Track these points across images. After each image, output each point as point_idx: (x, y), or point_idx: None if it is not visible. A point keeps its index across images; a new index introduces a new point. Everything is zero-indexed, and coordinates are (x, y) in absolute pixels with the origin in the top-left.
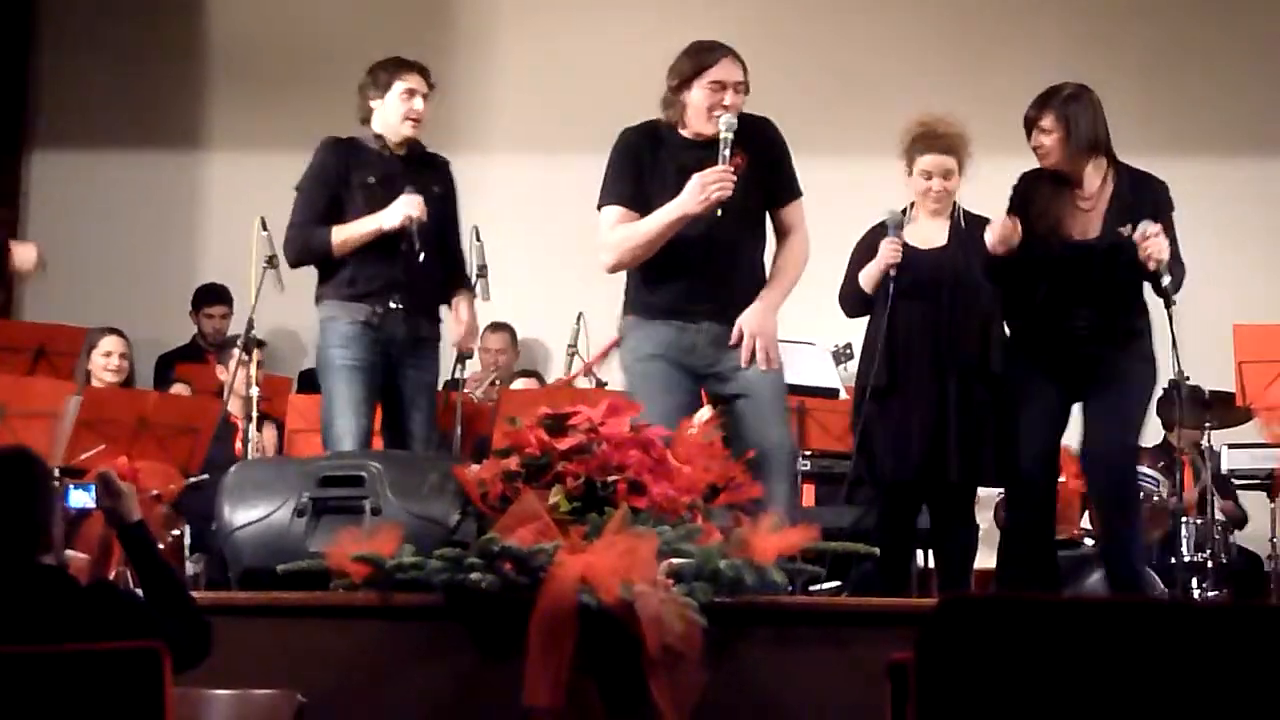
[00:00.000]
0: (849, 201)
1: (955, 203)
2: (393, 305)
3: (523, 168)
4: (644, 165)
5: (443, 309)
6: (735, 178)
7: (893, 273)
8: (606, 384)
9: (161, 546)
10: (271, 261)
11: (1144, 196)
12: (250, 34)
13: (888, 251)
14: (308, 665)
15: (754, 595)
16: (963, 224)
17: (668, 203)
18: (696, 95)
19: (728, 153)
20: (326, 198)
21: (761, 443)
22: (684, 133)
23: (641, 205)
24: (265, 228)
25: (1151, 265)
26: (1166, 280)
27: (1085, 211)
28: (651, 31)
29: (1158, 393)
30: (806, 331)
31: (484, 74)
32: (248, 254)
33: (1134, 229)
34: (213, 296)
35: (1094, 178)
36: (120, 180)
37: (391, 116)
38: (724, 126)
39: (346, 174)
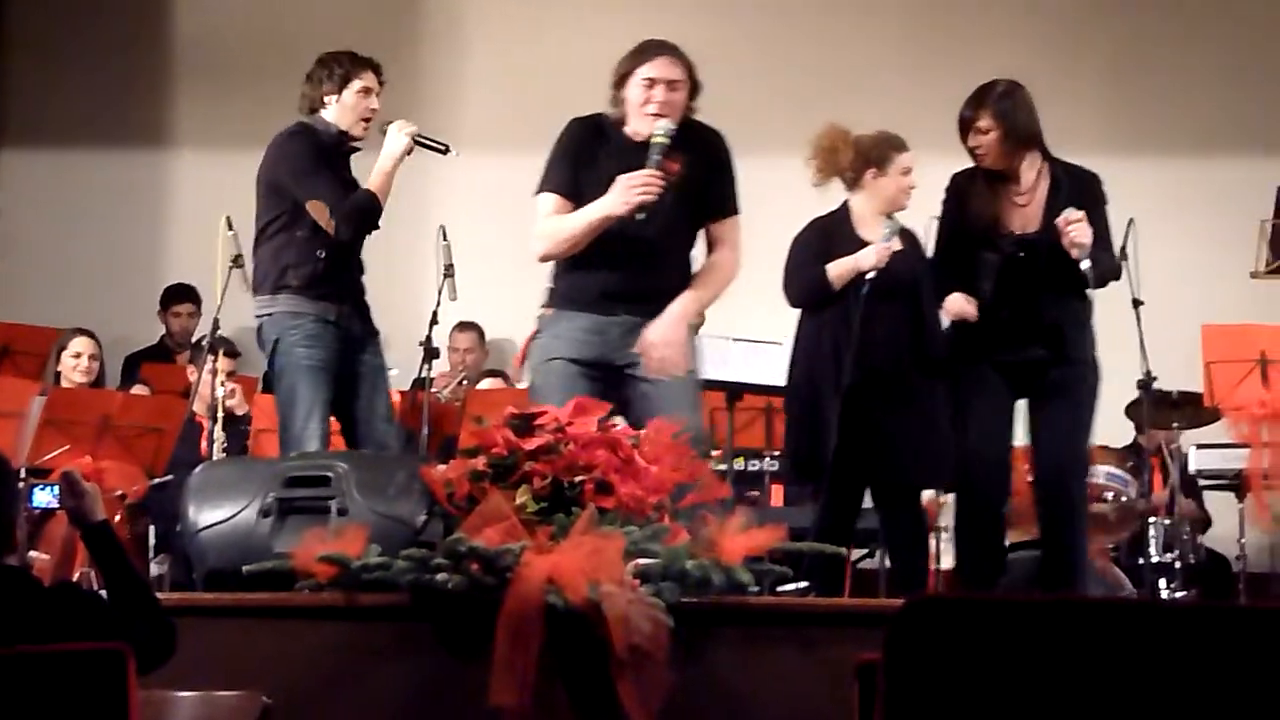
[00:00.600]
0: (811, 198)
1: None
2: (348, 302)
3: (490, 167)
4: (582, 157)
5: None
6: (662, 183)
7: (870, 275)
8: None
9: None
10: (237, 261)
11: (1078, 189)
12: (218, 31)
13: (879, 254)
14: (273, 666)
15: (721, 596)
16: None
17: (598, 199)
18: (631, 92)
19: (658, 157)
20: (330, 176)
21: None
22: (626, 131)
23: (576, 196)
24: (231, 227)
25: (1075, 253)
26: (1086, 265)
27: (1022, 207)
28: (620, 32)
29: (1125, 393)
30: (770, 330)
31: (451, 72)
32: (215, 253)
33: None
34: (180, 295)
35: (1029, 172)
36: (87, 178)
37: (346, 115)
38: (659, 130)
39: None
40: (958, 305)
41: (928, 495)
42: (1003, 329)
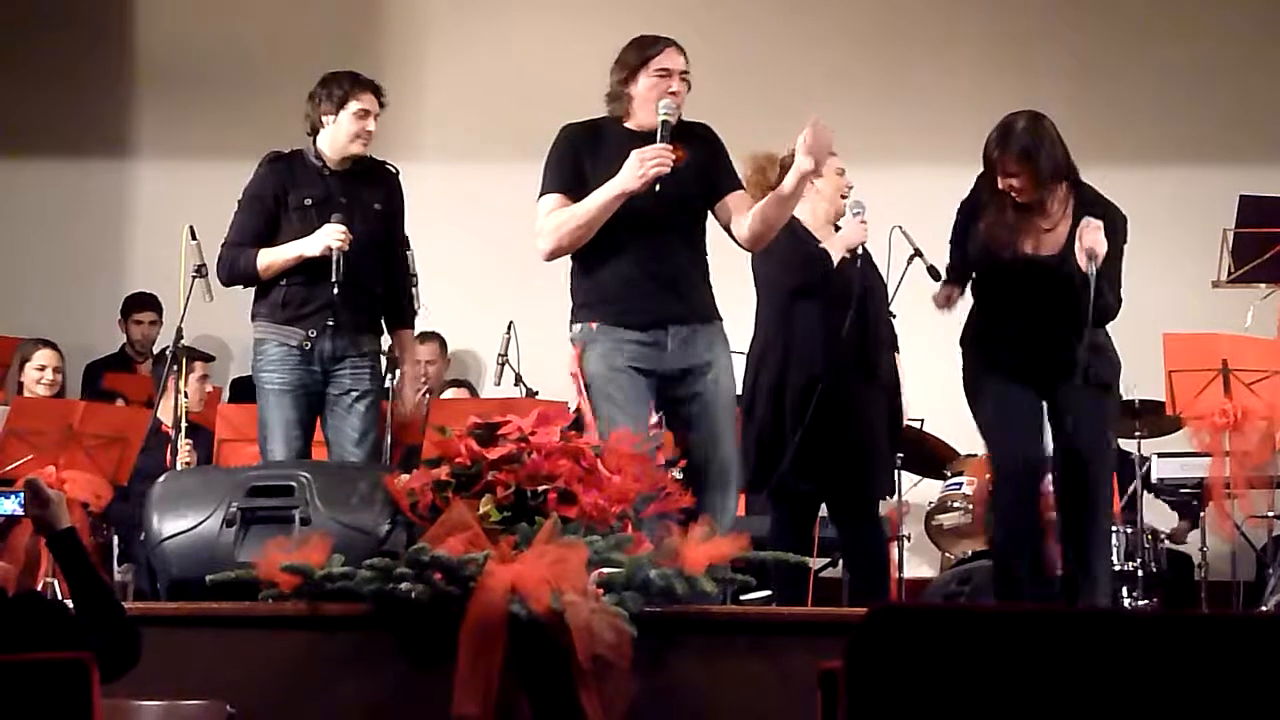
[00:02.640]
0: None
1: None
2: (329, 324)
3: (453, 178)
4: (583, 156)
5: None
6: (674, 157)
7: (859, 258)
8: (538, 392)
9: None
10: (200, 271)
11: (1102, 209)
12: (179, 43)
13: (860, 230)
14: (237, 676)
15: (684, 605)
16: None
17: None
18: (643, 84)
19: (667, 134)
20: (262, 217)
21: (711, 453)
22: (629, 125)
23: (580, 194)
24: (194, 236)
25: (1084, 260)
26: (1093, 278)
27: (1047, 231)
28: (582, 42)
29: None
30: (738, 339)
31: (414, 84)
32: (177, 263)
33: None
34: (141, 303)
35: (1056, 204)
36: (49, 188)
37: (341, 135)
38: (662, 109)
39: (284, 193)
40: (938, 299)
41: (889, 504)
42: (1014, 343)
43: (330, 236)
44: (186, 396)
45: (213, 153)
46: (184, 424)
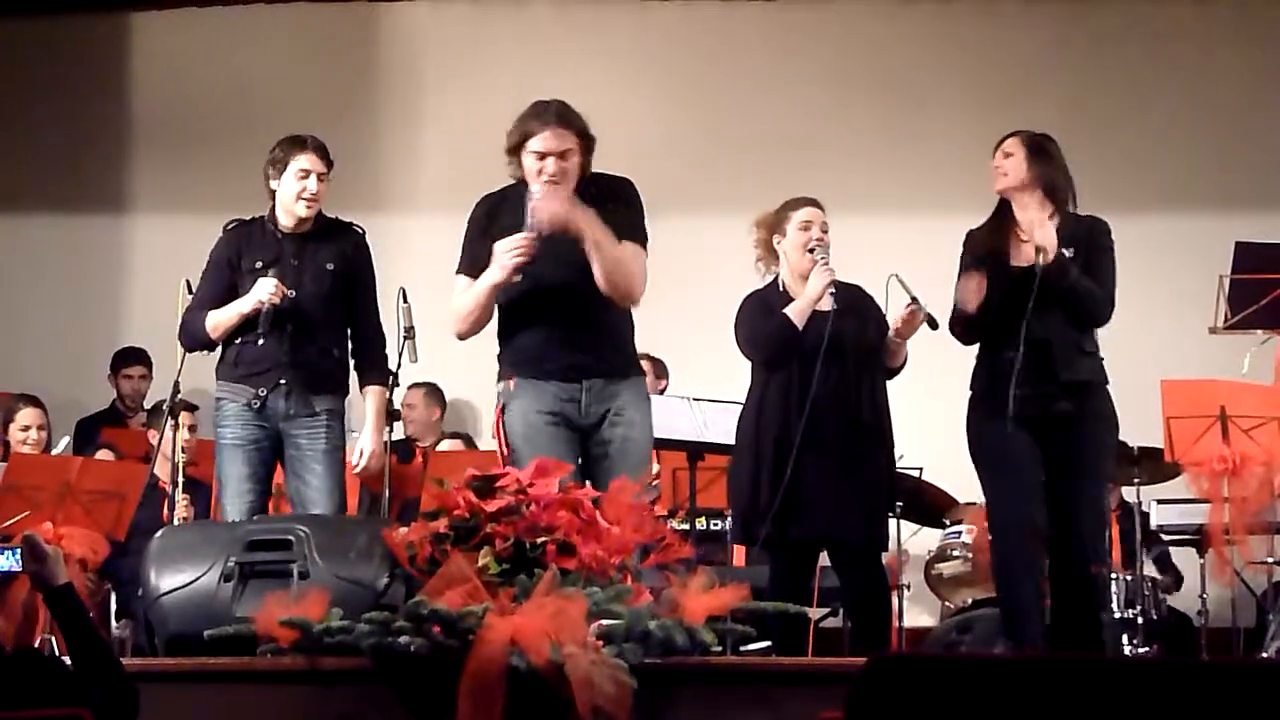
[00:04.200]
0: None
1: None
2: (281, 382)
3: (449, 230)
4: (491, 230)
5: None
6: (535, 243)
7: (829, 305)
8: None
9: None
10: None
11: (1083, 232)
12: (176, 98)
13: (825, 276)
14: None
15: (684, 656)
16: (836, 288)
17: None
18: (526, 161)
19: (532, 220)
20: (220, 283)
21: None
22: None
23: (483, 270)
24: (190, 290)
25: (1035, 251)
26: (1046, 262)
27: (1025, 243)
28: (578, 92)
29: None
30: (728, 391)
31: (409, 135)
32: (173, 317)
33: (1072, 254)
34: (130, 358)
35: (1038, 212)
36: (46, 243)
37: (288, 197)
38: (533, 195)
39: (238, 259)
40: (969, 288)
41: (890, 553)
42: (1016, 376)
43: (261, 291)
44: (185, 452)
45: (209, 207)
46: (181, 479)
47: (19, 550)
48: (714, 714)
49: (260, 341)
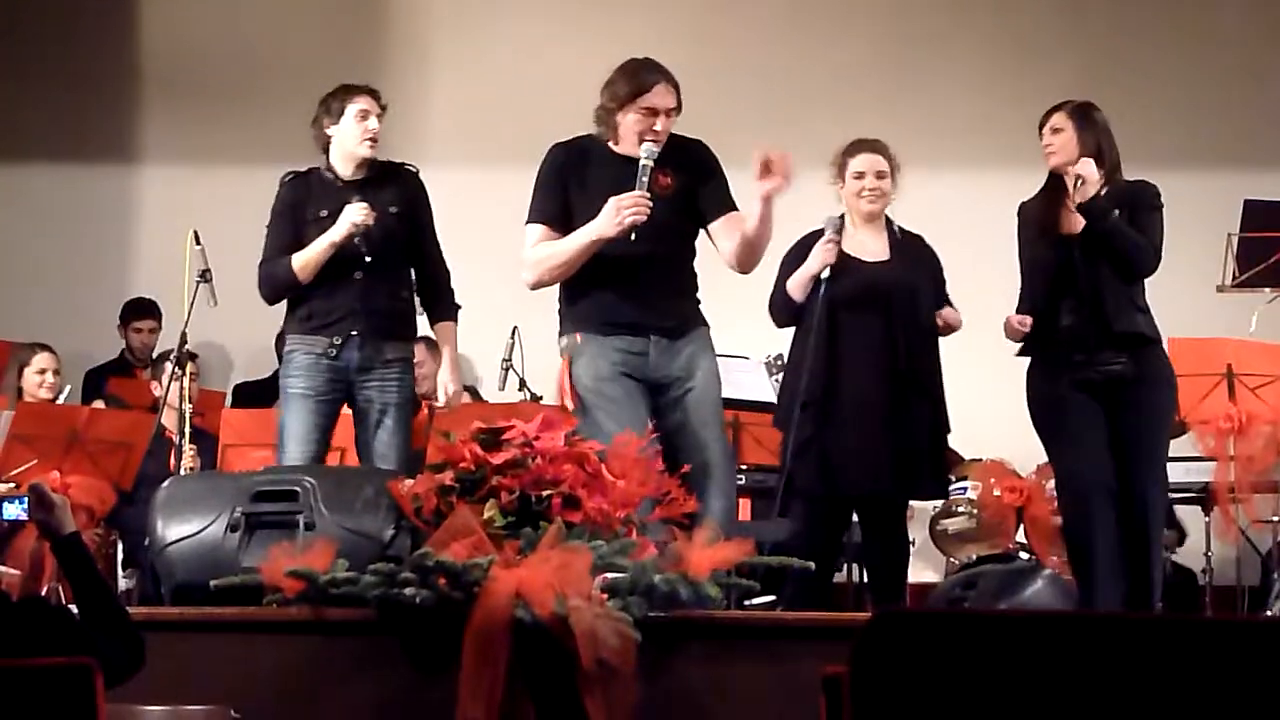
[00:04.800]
0: (785, 216)
1: (889, 217)
2: (354, 333)
3: (457, 183)
4: (570, 183)
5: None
6: (651, 202)
7: (825, 274)
8: (542, 397)
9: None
10: (205, 275)
11: (1130, 193)
12: (183, 48)
13: (823, 253)
14: (241, 681)
15: (688, 610)
16: (899, 236)
17: (590, 220)
18: (630, 119)
19: (646, 179)
20: (289, 232)
21: (701, 454)
22: (616, 149)
23: (564, 224)
24: (198, 241)
25: (1074, 188)
26: (1087, 201)
27: (1074, 212)
28: (588, 47)
29: None
30: (739, 344)
31: (418, 88)
32: (181, 268)
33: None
34: (141, 310)
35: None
36: (54, 193)
37: (349, 140)
38: (644, 154)
39: (303, 210)
40: (1009, 327)
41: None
42: (1071, 336)
43: (354, 215)
44: (192, 402)
45: (217, 157)
46: (188, 429)
47: (26, 499)
48: (718, 667)
49: (327, 294)
